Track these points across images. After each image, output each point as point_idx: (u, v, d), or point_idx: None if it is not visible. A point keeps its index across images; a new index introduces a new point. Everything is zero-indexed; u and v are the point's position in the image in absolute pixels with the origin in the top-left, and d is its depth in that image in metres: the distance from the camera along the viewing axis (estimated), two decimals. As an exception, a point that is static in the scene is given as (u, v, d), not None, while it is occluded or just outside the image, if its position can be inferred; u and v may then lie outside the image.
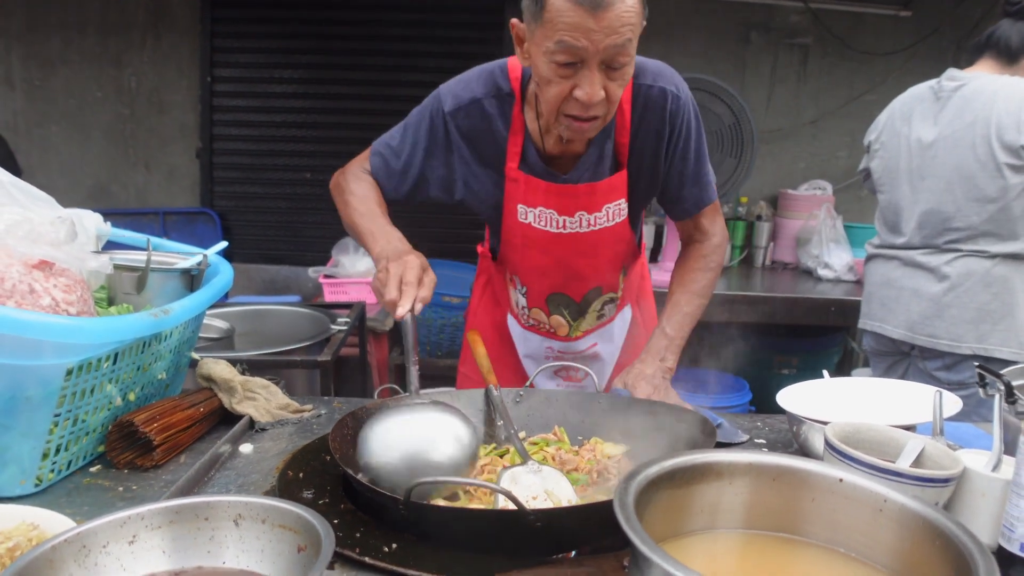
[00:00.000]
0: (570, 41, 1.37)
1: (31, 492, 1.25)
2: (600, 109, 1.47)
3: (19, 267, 1.23)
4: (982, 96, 2.47)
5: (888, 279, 2.74)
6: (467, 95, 1.68)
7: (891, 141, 2.74)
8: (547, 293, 1.85)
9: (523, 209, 1.74)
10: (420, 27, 4.49)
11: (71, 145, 4.61)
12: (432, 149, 1.72)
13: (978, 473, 1.21)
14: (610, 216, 1.74)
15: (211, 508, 0.93)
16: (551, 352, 1.95)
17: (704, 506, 0.97)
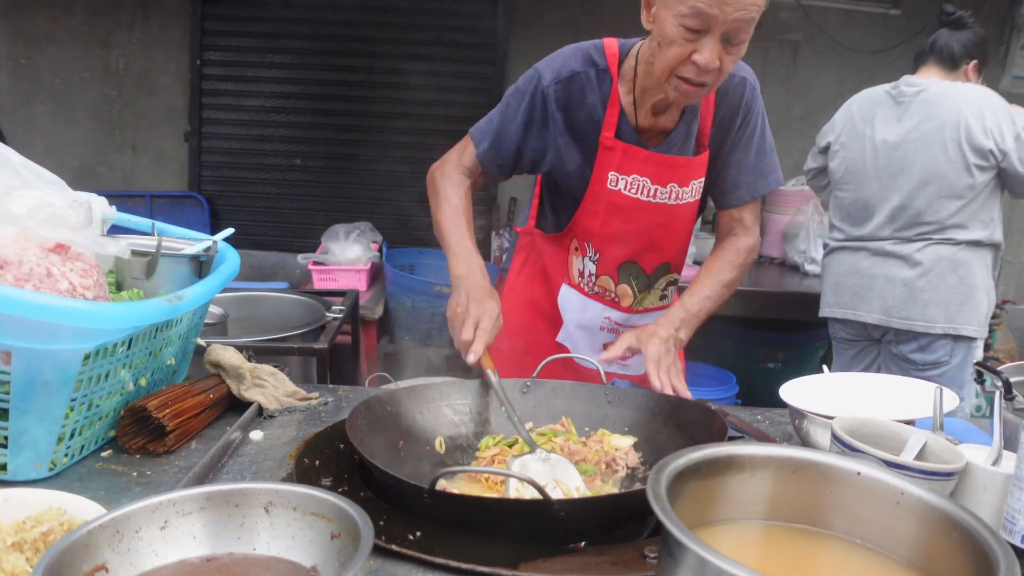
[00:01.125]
0: (704, 8, 1.48)
1: (45, 476, 1.25)
2: (711, 77, 1.58)
3: (36, 250, 1.22)
4: (946, 101, 2.75)
5: (857, 269, 2.94)
6: (566, 69, 1.78)
7: (853, 142, 2.96)
8: (620, 261, 1.92)
9: (614, 176, 1.82)
10: (410, 14, 4.47)
11: (57, 125, 4.55)
12: (530, 123, 1.81)
13: (980, 467, 1.23)
14: (693, 192, 1.86)
15: (242, 495, 0.94)
16: (608, 323, 2.00)
17: (728, 497, 0.99)
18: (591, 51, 1.79)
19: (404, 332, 4.14)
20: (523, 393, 1.57)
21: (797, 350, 4.27)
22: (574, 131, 1.81)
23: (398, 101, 4.40)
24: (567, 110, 1.79)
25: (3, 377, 1.16)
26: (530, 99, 1.79)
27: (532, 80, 1.80)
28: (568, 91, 1.77)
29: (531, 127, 1.81)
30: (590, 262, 1.95)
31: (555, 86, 1.77)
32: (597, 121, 1.79)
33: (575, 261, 1.98)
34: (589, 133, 1.81)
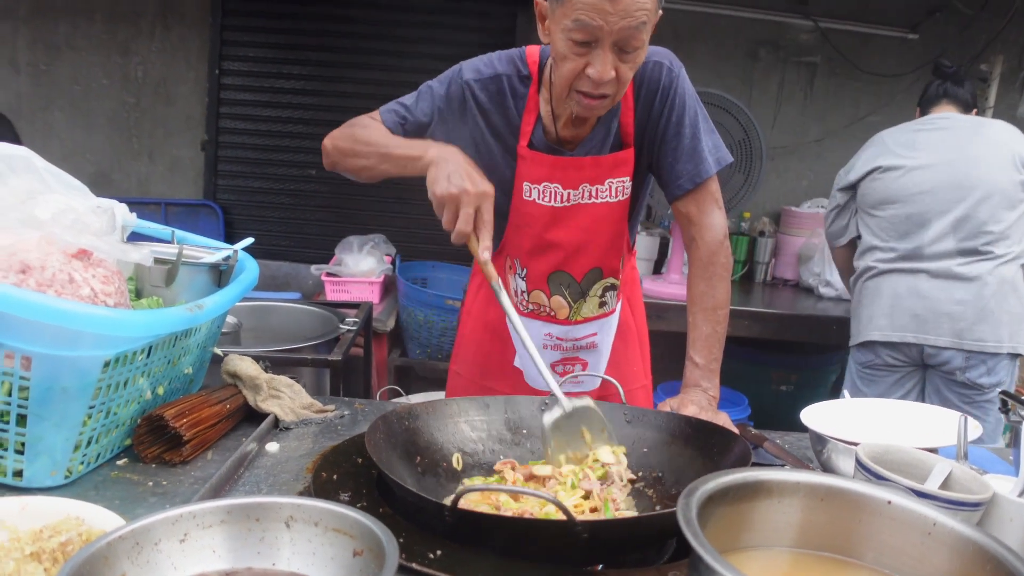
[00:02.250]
0: (586, 20, 1.46)
1: (61, 484, 1.24)
2: (610, 88, 1.55)
3: (58, 256, 1.21)
4: (991, 129, 2.97)
5: (917, 291, 2.92)
6: (488, 70, 1.75)
7: (897, 164, 3.02)
8: (548, 272, 1.86)
9: (528, 187, 1.78)
10: (430, 28, 4.48)
11: (74, 131, 4.57)
12: (446, 114, 1.76)
13: (1006, 499, 1.21)
14: (613, 192, 1.79)
15: (263, 509, 0.92)
16: (550, 340, 1.93)
17: (757, 523, 0.97)
18: (515, 56, 1.76)
19: (415, 345, 4.12)
20: (541, 411, 1.55)
21: (810, 373, 4.24)
22: (495, 133, 1.77)
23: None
24: (486, 112, 1.75)
25: (22, 383, 1.15)
26: (447, 88, 1.75)
27: (454, 73, 1.76)
28: (487, 92, 1.74)
29: (445, 117, 1.76)
30: (520, 279, 1.90)
31: (476, 83, 1.73)
32: (516, 130, 1.76)
33: (510, 279, 1.93)
34: (509, 138, 1.77)
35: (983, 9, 4.27)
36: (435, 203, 1.46)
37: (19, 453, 1.20)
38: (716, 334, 1.77)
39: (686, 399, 1.69)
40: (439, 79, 1.78)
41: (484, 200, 1.45)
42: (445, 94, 1.75)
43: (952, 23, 4.36)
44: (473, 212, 1.43)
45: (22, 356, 1.14)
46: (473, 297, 2.09)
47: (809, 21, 4.41)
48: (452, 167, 1.46)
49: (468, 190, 1.43)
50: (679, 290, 3.72)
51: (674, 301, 3.61)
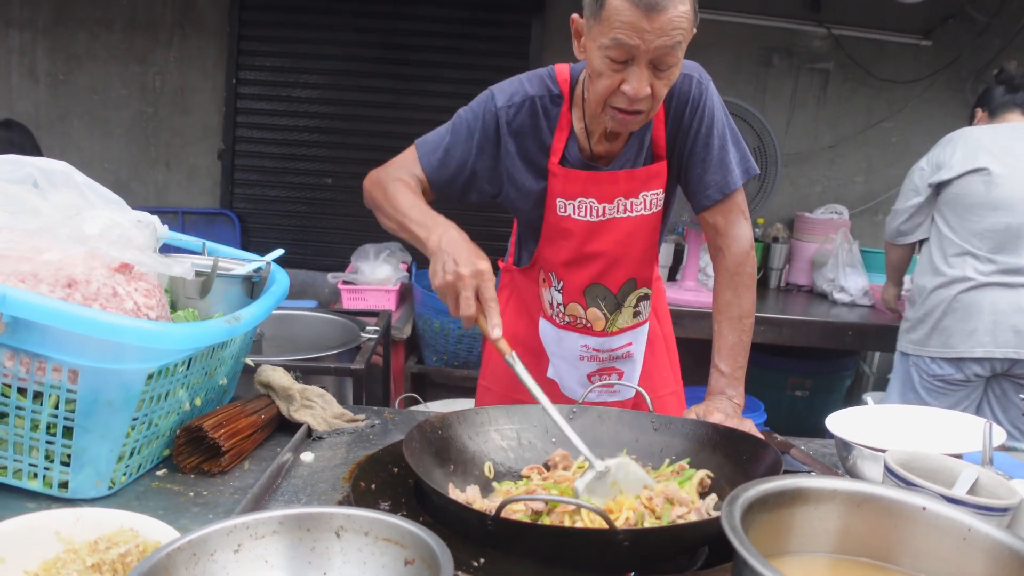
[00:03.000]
0: (624, 39, 1.48)
1: (104, 495, 1.26)
2: (644, 104, 1.57)
3: (102, 270, 1.24)
4: None
5: (1019, 306, 2.87)
6: (520, 94, 1.76)
7: (1003, 169, 2.90)
8: (584, 285, 1.88)
9: (562, 203, 1.80)
10: (446, 38, 4.51)
11: (92, 140, 4.61)
12: (484, 144, 1.77)
13: (1034, 505, 1.22)
14: (647, 205, 1.81)
15: (313, 519, 0.94)
16: (586, 351, 1.96)
17: (796, 530, 0.99)
18: (544, 77, 1.77)
19: (432, 353, 4.15)
20: (569, 419, 1.57)
21: (825, 378, 4.26)
22: (526, 156, 1.78)
23: (429, 122, 4.41)
24: (519, 136, 1.77)
25: (69, 395, 1.18)
26: (483, 119, 1.76)
27: (485, 101, 1.77)
28: (520, 116, 1.75)
29: (484, 147, 1.77)
30: (556, 292, 1.92)
31: (508, 109, 1.74)
32: (547, 148, 1.78)
33: (544, 293, 1.96)
34: (540, 159, 1.79)
35: (996, 15, 4.28)
36: (437, 293, 1.46)
37: (64, 465, 1.22)
38: (741, 343, 1.79)
39: (712, 406, 1.71)
40: (472, 109, 1.78)
41: (481, 279, 1.42)
42: (481, 126, 1.76)
43: (965, 29, 4.36)
44: (472, 294, 1.41)
45: (69, 369, 1.17)
46: (501, 311, 2.10)
47: (822, 28, 4.43)
48: (447, 255, 1.44)
49: (463, 275, 1.41)
50: (694, 296, 3.74)
51: (690, 308, 3.63)
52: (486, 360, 2.15)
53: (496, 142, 1.77)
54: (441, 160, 1.78)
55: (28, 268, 1.17)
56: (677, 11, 1.47)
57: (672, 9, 1.46)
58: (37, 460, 1.22)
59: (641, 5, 1.45)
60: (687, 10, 1.49)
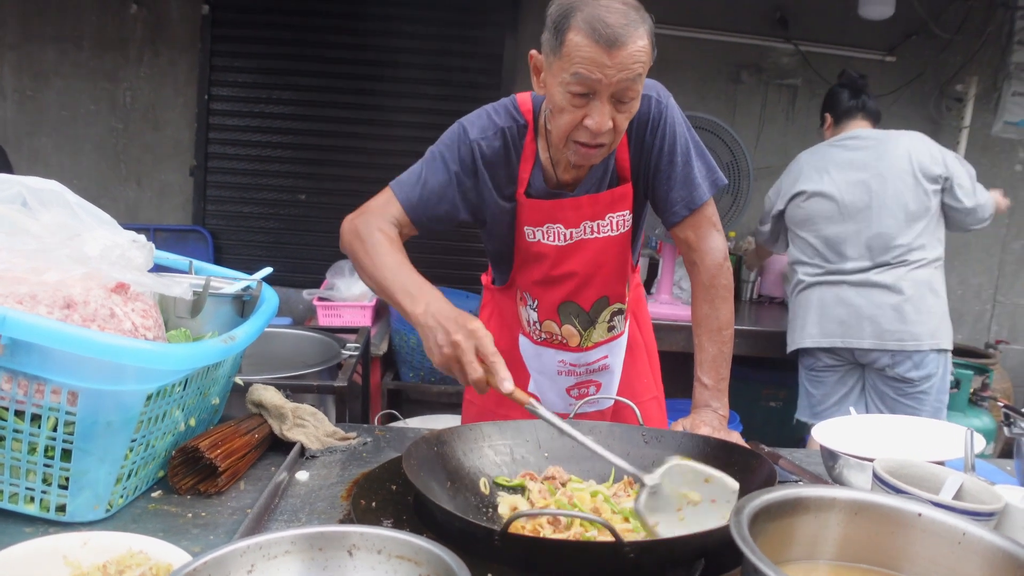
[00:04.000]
0: (585, 74, 1.50)
1: (102, 518, 1.25)
2: (607, 138, 1.60)
3: (99, 291, 1.23)
4: (895, 141, 3.19)
5: (841, 299, 3.21)
6: (491, 126, 1.78)
7: (815, 189, 3.28)
8: (557, 303, 1.91)
9: (530, 230, 1.83)
10: (420, 54, 4.53)
11: (61, 157, 4.55)
12: (461, 175, 1.78)
13: (1017, 508, 1.26)
14: (614, 226, 1.84)
15: (325, 538, 0.95)
16: (563, 366, 1.99)
17: (798, 538, 1.02)
18: (509, 107, 1.79)
19: (408, 369, 4.14)
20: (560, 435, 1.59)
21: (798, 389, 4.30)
22: (498, 186, 1.80)
23: (402, 138, 4.44)
24: (492, 166, 1.78)
25: (69, 418, 1.17)
26: (459, 151, 1.76)
27: (459, 134, 1.78)
28: (492, 147, 1.77)
29: (461, 179, 1.78)
30: (532, 310, 1.95)
31: (481, 142, 1.76)
32: (514, 177, 1.80)
33: (522, 311, 1.99)
34: (509, 187, 1.81)
35: (958, 32, 4.40)
36: (441, 369, 1.46)
37: (63, 488, 1.21)
38: (722, 354, 1.81)
39: (698, 420, 1.73)
40: (444, 143, 1.79)
41: (476, 339, 1.41)
42: (458, 158, 1.77)
43: (928, 46, 4.48)
44: (474, 358, 1.40)
45: (69, 391, 1.16)
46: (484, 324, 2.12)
47: (790, 44, 4.51)
48: (437, 328, 1.44)
49: (458, 342, 1.40)
50: (670, 310, 3.78)
51: (665, 321, 3.66)
52: None
53: (473, 173, 1.78)
54: (420, 195, 1.78)
55: (26, 290, 1.16)
56: (636, 46, 1.49)
57: (632, 44, 1.49)
58: (34, 483, 1.21)
59: (601, 41, 1.47)
60: (645, 44, 1.52)
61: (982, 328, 4.90)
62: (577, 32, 1.49)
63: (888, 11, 4.02)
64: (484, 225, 1.88)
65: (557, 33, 1.53)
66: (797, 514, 1.03)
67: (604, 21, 1.47)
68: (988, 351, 4.49)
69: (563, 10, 1.52)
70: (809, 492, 1.04)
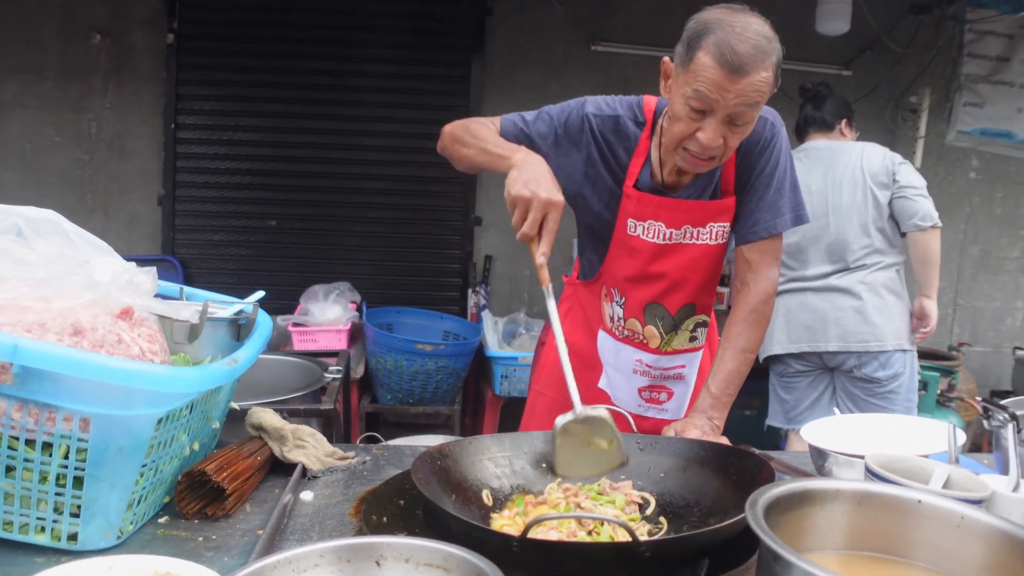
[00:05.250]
0: (705, 92, 1.59)
1: (113, 544, 1.25)
2: (716, 152, 1.68)
3: (105, 317, 1.24)
4: (845, 152, 3.32)
5: (805, 306, 3.31)
6: (609, 109, 1.86)
7: None
8: (645, 303, 1.96)
9: (632, 223, 1.88)
10: (386, 78, 4.57)
11: (25, 190, 4.50)
12: (562, 137, 1.86)
13: (1004, 495, 1.32)
14: (713, 236, 1.90)
15: (353, 549, 0.96)
16: (640, 365, 2.03)
17: (808, 529, 1.05)
18: (633, 103, 1.88)
19: (386, 391, 4.14)
20: None
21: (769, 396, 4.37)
22: (607, 165, 1.87)
23: (373, 162, 4.48)
24: (601, 144, 1.86)
25: (80, 444, 1.17)
26: (568, 116, 1.85)
27: (577, 105, 1.87)
28: (605, 127, 1.85)
29: (560, 142, 1.86)
30: (617, 306, 2.00)
31: (596, 117, 1.84)
32: (624, 168, 1.87)
33: (606, 307, 2.04)
34: (618, 174, 1.88)
35: (910, 46, 4.55)
36: (508, 202, 1.57)
37: (74, 516, 1.21)
38: (738, 372, 1.88)
39: (689, 424, 1.77)
40: (559, 106, 1.88)
41: (552, 208, 1.56)
42: (565, 121, 1.85)
43: (882, 60, 4.63)
44: (540, 217, 1.54)
45: (80, 418, 1.16)
46: (561, 320, 2.16)
47: (748, 60, 4.62)
48: (532, 172, 1.58)
49: (540, 196, 1.54)
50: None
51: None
52: (539, 370, 2.23)
53: (577, 142, 1.85)
54: (519, 131, 1.86)
55: (34, 318, 1.17)
56: (759, 76, 1.56)
57: (755, 74, 1.55)
58: (45, 513, 1.20)
59: (727, 66, 1.54)
60: (769, 76, 1.58)
61: (944, 331, 5.03)
62: (707, 53, 1.56)
63: (844, 27, 4.15)
64: (575, 199, 1.92)
65: (689, 49, 1.61)
66: (805, 506, 1.06)
67: (733, 49, 1.54)
68: (951, 353, 4.62)
69: (700, 28, 1.60)
70: (816, 484, 1.08)
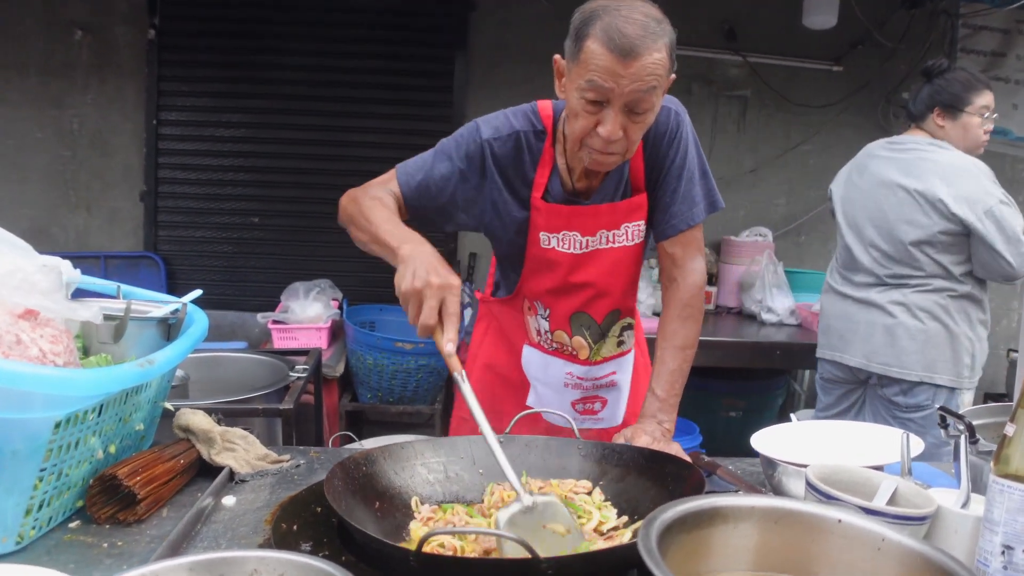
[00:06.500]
0: (599, 82, 1.52)
1: (11, 551, 1.21)
2: (619, 147, 1.61)
3: (5, 317, 1.20)
4: (927, 161, 2.85)
5: (845, 313, 3.06)
6: (506, 127, 1.79)
7: (846, 192, 3.10)
8: (570, 313, 1.91)
9: (546, 236, 1.83)
10: (369, 73, 4.52)
11: (7, 186, 4.47)
12: (467, 172, 1.80)
13: (950, 511, 1.26)
14: (629, 236, 1.84)
15: (226, 563, 0.92)
16: (571, 379, 1.99)
17: (716, 549, 1.00)
18: (528, 112, 1.82)
19: (366, 390, 4.10)
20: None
21: (758, 398, 4.33)
22: (511, 188, 1.82)
23: (355, 158, 4.43)
24: (505, 168, 1.80)
25: (-30, 448, 1.13)
26: (467, 148, 1.78)
27: (471, 132, 1.80)
28: (505, 149, 1.79)
29: (467, 176, 1.79)
30: (543, 320, 1.95)
31: (494, 142, 1.78)
32: (530, 182, 1.81)
33: (531, 320, 1.99)
34: (524, 191, 1.82)
35: (902, 41, 4.48)
36: (400, 299, 1.44)
37: (-33, 521, 1.17)
38: (681, 371, 1.82)
39: (639, 429, 1.72)
40: (455, 139, 1.81)
41: (448, 292, 1.42)
42: (465, 155, 1.78)
43: (874, 55, 4.55)
44: (437, 305, 1.40)
45: (-30, 421, 1.12)
46: (479, 342, 2.13)
47: (738, 56, 4.57)
48: (418, 263, 1.44)
49: (432, 283, 1.40)
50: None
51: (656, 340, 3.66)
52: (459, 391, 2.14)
53: (481, 172, 1.80)
54: (420, 183, 1.80)
55: (-77, 318, 1.13)
56: (652, 58, 1.50)
57: (647, 56, 1.50)
58: (-63, 518, 1.16)
59: (617, 50, 1.49)
60: (662, 57, 1.52)
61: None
62: (595, 40, 1.51)
63: (831, 20, 4.08)
64: (487, 229, 1.87)
65: (577, 40, 1.55)
66: (716, 524, 1.01)
67: (621, 31, 1.49)
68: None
69: (585, 17, 1.55)
70: (725, 501, 1.02)
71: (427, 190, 1.80)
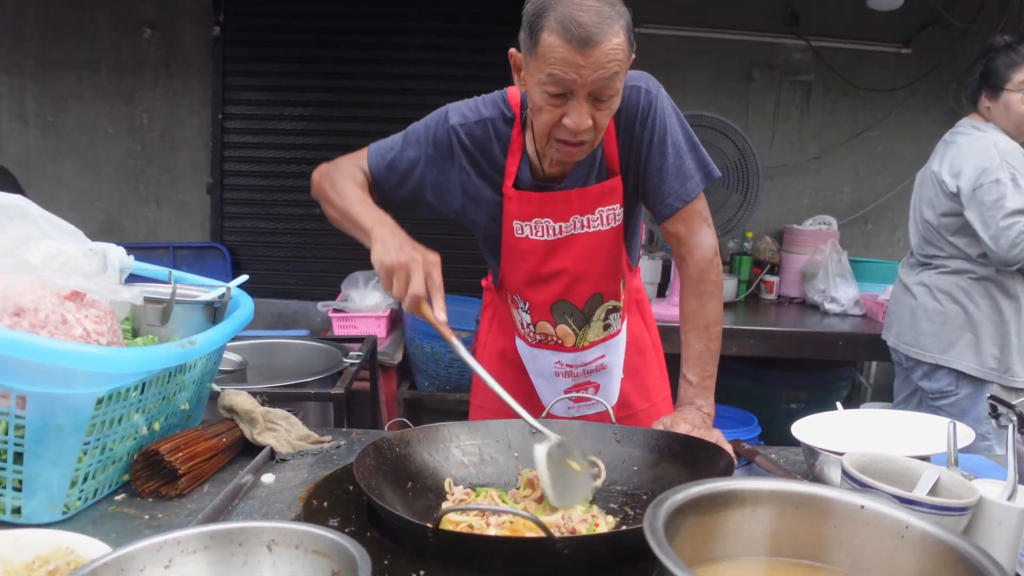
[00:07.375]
0: (559, 75, 1.48)
1: (58, 519, 1.26)
2: (587, 135, 1.58)
3: (52, 298, 1.25)
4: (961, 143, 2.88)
5: (893, 295, 3.21)
6: (474, 114, 1.77)
7: (919, 178, 3.15)
8: (550, 303, 1.88)
9: (519, 224, 1.80)
10: (426, 65, 4.56)
11: (82, 180, 4.66)
12: (434, 157, 1.79)
13: (994, 502, 1.22)
14: (605, 220, 1.80)
15: (245, 533, 0.95)
16: (560, 367, 1.97)
17: (730, 533, 0.99)
18: (498, 100, 1.79)
19: (424, 378, 4.15)
20: (532, 433, 1.57)
21: (820, 390, 4.23)
22: (482, 174, 1.80)
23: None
24: (472, 154, 1.78)
25: (18, 421, 1.19)
26: (435, 134, 1.77)
27: (439, 118, 1.79)
28: (473, 136, 1.77)
29: (433, 161, 1.79)
30: (524, 312, 1.93)
31: (461, 128, 1.76)
32: (501, 169, 1.79)
33: (515, 314, 1.97)
34: (495, 179, 1.80)
35: (974, 21, 4.30)
36: (383, 273, 1.47)
37: (17, 490, 1.23)
38: (709, 351, 1.77)
39: (679, 417, 1.70)
40: (425, 123, 1.80)
41: (433, 267, 1.45)
42: (432, 140, 1.78)
43: (944, 36, 4.39)
44: (424, 277, 1.43)
45: (18, 395, 1.18)
46: (487, 329, 2.13)
47: (801, 40, 4.46)
48: (398, 241, 1.48)
49: (417, 258, 1.44)
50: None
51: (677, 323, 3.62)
52: (476, 378, 2.15)
53: (449, 158, 1.78)
54: (388, 164, 1.81)
55: (-26, 298, 1.19)
56: (611, 44, 1.47)
57: (606, 42, 1.46)
58: (-10, 487, 1.23)
59: (574, 41, 1.44)
60: (621, 41, 1.48)
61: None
62: (550, 32, 1.46)
63: (898, 2, 3.95)
64: (461, 215, 1.86)
65: (532, 33, 1.50)
66: (731, 508, 1.00)
67: (576, 20, 1.44)
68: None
69: (537, 9, 1.50)
70: (743, 485, 1.01)
71: (393, 171, 1.81)
